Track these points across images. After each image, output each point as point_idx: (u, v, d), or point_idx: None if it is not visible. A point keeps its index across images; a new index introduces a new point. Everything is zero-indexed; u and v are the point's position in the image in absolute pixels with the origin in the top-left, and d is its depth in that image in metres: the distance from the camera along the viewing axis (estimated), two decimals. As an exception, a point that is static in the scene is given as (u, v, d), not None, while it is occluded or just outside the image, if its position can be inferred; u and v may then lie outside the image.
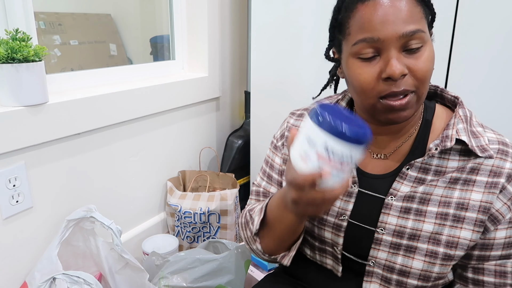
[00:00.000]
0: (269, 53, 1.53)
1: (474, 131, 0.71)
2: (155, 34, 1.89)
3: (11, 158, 1.06)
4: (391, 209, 0.72)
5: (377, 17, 0.63)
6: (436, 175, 0.71)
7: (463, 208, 0.69)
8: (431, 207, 0.70)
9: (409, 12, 0.64)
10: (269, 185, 0.90)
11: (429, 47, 0.66)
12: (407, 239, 0.71)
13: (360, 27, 0.65)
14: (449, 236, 0.69)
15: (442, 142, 0.70)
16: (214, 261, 1.20)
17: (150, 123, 1.50)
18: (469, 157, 0.70)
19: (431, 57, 0.66)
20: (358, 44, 0.66)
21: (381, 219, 0.73)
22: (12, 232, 1.10)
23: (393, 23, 0.63)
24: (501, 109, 1.12)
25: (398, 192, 0.72)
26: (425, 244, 0.70)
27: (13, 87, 1.01)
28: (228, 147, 1.84)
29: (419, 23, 0.64)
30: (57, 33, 1.71)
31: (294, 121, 0.88)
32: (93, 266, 1.21)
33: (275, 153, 0.89)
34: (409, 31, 0.63)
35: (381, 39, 0.64)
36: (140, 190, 1.52)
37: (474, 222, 0.68)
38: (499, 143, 0.70)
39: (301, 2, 1.39)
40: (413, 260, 0.71)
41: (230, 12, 1.82)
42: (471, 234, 0.69)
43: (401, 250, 0.72)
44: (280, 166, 0.88)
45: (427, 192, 0.71)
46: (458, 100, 0.75)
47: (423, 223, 0.70)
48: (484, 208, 0.68)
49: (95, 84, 1.38)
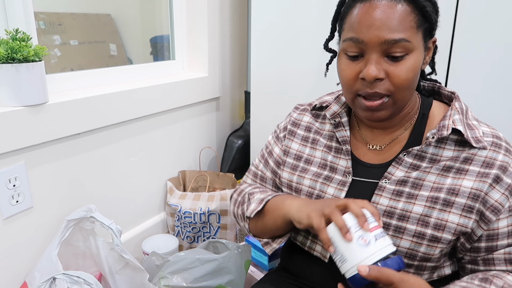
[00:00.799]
0: (269, 53, 1.53)
1: (469, 123, 0.74)
2: (155, 34, 1.89)
3: (11, 158, 1.06)
4: (384, 191, 0.75)
5: (366, 20, 0.67)
6: (431, 162, 0.74)
7: (453, 193, 0.71)
8: (423, 191, 0.73)
9: (398, 21, 0.66)
10: (265, 169, 0.96)
11: (415, 57, 0.68)
12: (396, 219, 0.73)
13: (351, 26, 0.69)
14: (437, 219, 0.71)
15: (438, 131, 0.73)
16: (214, 261, 1.20)
17: (150, 123, 1.50)
18: (463, 148, 0.73)
19: (414, 66, 0.69)
20: (346, 42, 0.70)
21: (373, 200, 0.76)
22: (12, 232, 1.10)
23: (378, 28, 0.66)
24: (501, 109, 1.12)
25: (392, 176, 0.75)
26: (414, 226, 0.72)
27: (13, 87, 1.01)
28: (228, 147, 1.84)
29: (406, 33, 0.66)
30: (57, 33, 1.71)
31: (297, 115, 0.92)
32: (93, 266, 1.21)
33: (276, 143, 0.94)
34: (391, 39, 0.66)
35: (365, 41, 0.67)
36: (140, 190, 1.52)
37: (463, 207, 0.71)
38: (493, 136, 0.73)
39: (301, 2, 1.39)
40: (401, 240, 0.74)
41: (230, 12, 1.82)
42: (458, 218, 0.71)
43: (390, 230, 0.74)
44: (277, 156, 0.93)
45: (420, 177, 0.74)
46: (455, 94, 0.79)
47: (414, 205, 0.73)
48: (474, 195, 0.70)
49: (95, 84, 1.38)
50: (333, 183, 0.81)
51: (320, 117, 0.89)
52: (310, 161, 0.86)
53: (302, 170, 0.86)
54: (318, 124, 0.88)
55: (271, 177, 0.95)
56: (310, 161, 0.86)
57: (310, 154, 0.86)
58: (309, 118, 0.90)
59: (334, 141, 0.84)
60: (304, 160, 0.87)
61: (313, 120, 0.89)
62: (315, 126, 0.88)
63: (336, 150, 0.83)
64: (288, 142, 0.90)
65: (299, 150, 0.88)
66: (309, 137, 0.88)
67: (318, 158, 0.85)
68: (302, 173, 0.86)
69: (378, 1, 0.67)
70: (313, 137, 0.88)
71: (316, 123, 0.89)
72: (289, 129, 0.91)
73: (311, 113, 0.90)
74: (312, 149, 0.87)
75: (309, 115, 0.90)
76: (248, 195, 0.91)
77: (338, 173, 0.81)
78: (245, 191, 0.94)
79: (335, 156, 0.83)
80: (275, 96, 1.57)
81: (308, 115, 0.91)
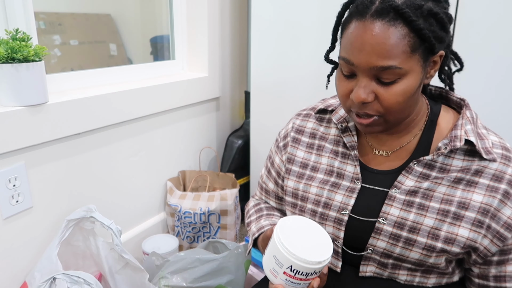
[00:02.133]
0: (269, 53, 1.53)
1: (479, 132, 0.73)
2: (155, 34, 1.89)
3: (11, 158, 1.06)
4: (394, 200, 0.74)
5: (357, 43, 0.65)
6: (440, 172, 0.73)
7: (463, 207, 0.71)
8: (434, 203, 0.72)
9: (390, 46, 0.63)
10: (268, 180, 0.97)
11: (408, 81, 0.66)
12: (407, 231, 0.73)
13: (345, 45, 0.68)
14: (447, 233, 0.71)
15: (451, 142, 0.72)
16: (214, 261, 1.20)
17: (150, 123, 1.50)
18: (473, 158, 0.72)
19: (405, 90, 0.66)
20: (340, 60, 0.70)
21: (384, 210, 0.75)
22: (12, 232, 1.10)
23: (367, 54, 0.64)
24: (501, 109, 1.12)
25: (402, 185, 0.75)
26: (424, 239, 0.72)
27: (13, 87, 1.01)
28: (228, 147, 1.84)
29: (398, 59, 0.63)
30: (57, 33, 1.70)
31: (300, 121, 0.90)
32: (93, 266, 1.21)
33: (277, 152, 0.93)
34: (380, 66, 0.64)
35: (355, 64, 0.66)
36: (140, 190, 1.52)
37: (473, 221, 0.70)
38: (502, 148, 0.73)
39: (301, 2, 1.39)
40: (410, 251, 0.73)
41: (230, 12, 1.82)
42: (468, 233, 0.71)
43: (400, 242, 0.73)
44: (278, 167, 0.92)
45: (430, 188, 0.73)
46: (465, 102, 0.77)
47: (425, 217, 0.72)
48: (484, 209, 0.70)
49: (95, 84, 1.38)
50: (341, 190, 0.79)
51: (324, 121, 0.87)
52: (316, 168, 0.84)
53: (309, 178, 0.84)
54: (323, 128, 0.87)
55: (273, 189, 0.96)
56: (317, 168, 0.84)
57: (316, 161, 0.85)
58: (313, 124, 0.88)
59: (341, 146, 0.83)
60: (310, 167, 0.85)
61: (317, 126, 0.88)
62: (319, 132, 0.87)
63: (343, 155, 0.82)
64: (293, 150, 0.88)
65: (305, 158, 0.86)
66: (314, 144, 0.86)
67: (324, 165, 0.83)
68: (308, 180, 0.84)
69: (373, 22, 0.63)
70: (318, 143, 0.86)
71: (321, 128, 0.87)
72: (293, 136, 0.89)
73: (315, 117, 0.89)
74: (318, 156, 0.85)
75: (312, 120, 0.89)
76: (247, 224, 0.97)
77: (345, 179, 0.80)
78: (249, 213, 0.99)
79: (342, 162, 0.81)
80: (275, 96, 1.57)
81: (311, 120, 0.89)
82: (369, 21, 0.64)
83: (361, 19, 0.65)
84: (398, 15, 0.62)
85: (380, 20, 0.63)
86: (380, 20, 0.63)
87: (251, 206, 1.00)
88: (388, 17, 0.63)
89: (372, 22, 0.63)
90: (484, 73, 1.12)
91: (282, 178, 0.91)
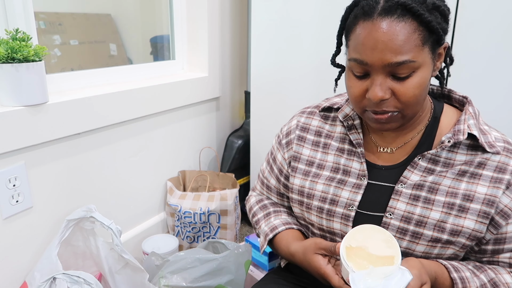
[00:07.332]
0: (269, 53, 1.53)
1: (482, 128, 0.75)
2: (155, 34, 1.89)
3: (11, 158, 1.06)
4: (401, 195, 0.76)
5: (369, 42, 0.66)
6: (445, 166, 0.75)
7: (468, 199, 0.72)
8: (439, 196, 0.74)
9: (402, 42, 0.64)
10: (270, 176, 0.97)
11: (421, 73, 0.67)
12: (414, 225, 0.74)
13: (355, 46, 0.68)
14: (453, 225, 0.73)
15: (454, 136, 0.73)
16: (214, 261, 1.20)
17: (150, 123, 1.50)
18: (476, 152, 0.74)
19: (420, 83, 0.68)
20: (351, 61, 0.70)
21: (390, 204, 0.76)
22: (12, 232, 1.10)
23: (381, 51, 0.65)
24: (501, 109, 1.12)
25: (408, 180, 0.76)
26: (431, 231, 0.73)
27: (13, 87, 1.01)
28: (228, 147, 1.84)
29: (411, 53, 0.65)
30: (57, 33, 1.70)
31: (305, 119, 0.91)
32: (93, 266, 1.21)
33: (279, 149, 0.94)
34: (395, 62, 0.65)
35: (369, 63, 0.67)
36: (140, 190, 1.52)
37: (478, 213, 0.72)
38: (504, 141, 0.75)
39: (301, 2, 1.39)
40: (417, 245, 0.75)
41: (230, 12, 1.82)
42: (474, 224, 0.72)
43: (407, 235, 0.75)
44: (280, 164, 0.93)
45: (436, 182, 0.74)
46: (467, 99, 0.79)
47: (431, 210, 0.74)
48: (488, 200, 0.72)
49: (95, 84, 1.38)
50: (348, 186, 0.80)
51: (329, 119, 0.88)
52: (322, 165, 0.85)
53: (315, 176, 0.85)
54: (328, 126, 0.87)
55: (275, 185, 0.96)
56: (323, 165, 0.85)
57: (322, 159, 0.85)
58: (318, 122, 0.88)
59: (347, 144, 0.83)
60: (316, 165, 0.86)
61: (322, 124, 0.88)
62: (325, 130, 0.87)
63: (348, 152, 0.83)
64: (298, 148, 0.89)
65: (311, 156, 0.87)
66: (320, 142, 0.87)
67: (330, 162, 0.84)
68: (314, 178, 0.85)
69: (381, 21, 0.64)
70: (324, 141, 0.86)
71: (326, 126, 0.87)
72: (298, 134, 0.89)
73: (319, 115, 0.89)
74: (323, 154, 0.86)
75: (317, 118, 0.89)
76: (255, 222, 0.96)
77: (352, 176, 0.81)
78: (253, 210, 0.98)
79: (348, 159, 0.82)
80: (275, 96, 1.57)
81: (316, 118, 0.89)
82: (377, 20, 0.65)
83: (369, 19, 0.66)
84: (406, 10, 0.64)
85: (388, 17, 0.64)
86: (388, 17, 0.64)
87: (254, 203, 0.99)
88: (396, 13, 0.64)
89: (381, 20, 0.65)
90: (484, 73, 1.12)
91: (284, 176, 0.92)
